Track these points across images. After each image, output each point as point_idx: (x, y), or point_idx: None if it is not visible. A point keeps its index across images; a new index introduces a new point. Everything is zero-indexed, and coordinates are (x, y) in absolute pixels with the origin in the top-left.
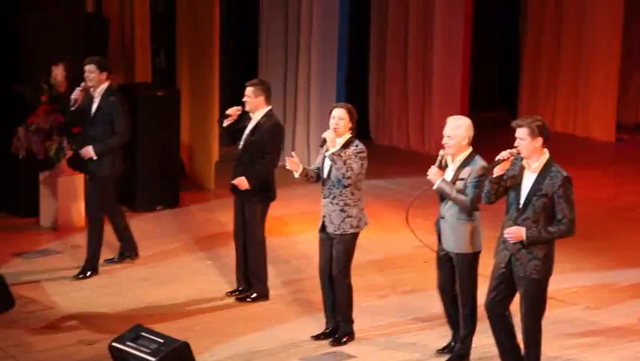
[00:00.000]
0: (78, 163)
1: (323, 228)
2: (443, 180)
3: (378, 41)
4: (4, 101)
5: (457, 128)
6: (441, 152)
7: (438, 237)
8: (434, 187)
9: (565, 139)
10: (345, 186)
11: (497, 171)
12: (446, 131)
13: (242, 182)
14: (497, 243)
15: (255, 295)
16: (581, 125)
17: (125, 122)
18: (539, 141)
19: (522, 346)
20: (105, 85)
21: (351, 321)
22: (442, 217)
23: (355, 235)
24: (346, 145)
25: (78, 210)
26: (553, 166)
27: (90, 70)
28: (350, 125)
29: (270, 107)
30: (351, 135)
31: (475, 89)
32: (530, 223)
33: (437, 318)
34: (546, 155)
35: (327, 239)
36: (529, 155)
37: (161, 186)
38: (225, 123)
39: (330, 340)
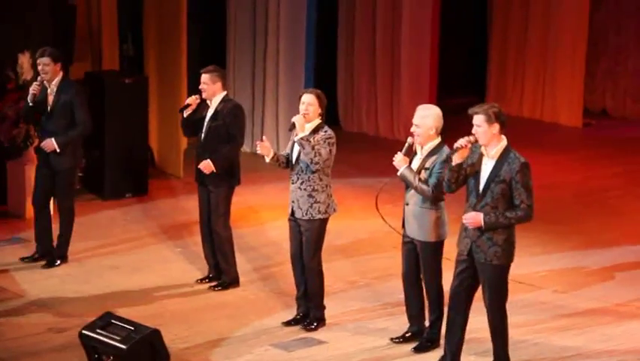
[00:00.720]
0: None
1: (292, 213)
2: (407, 167)
3: (346, 28)
4: None
5: (425, 118)
6: (409, 139)
7: (402, 223)
8: (398, 173)
9: (532, 124)
10: (314, 172)
11: (456, 159)
12: (414, 119)
13: (207, 165)
14: (459, 231)
15: (225, 281)
16: (549, 110)
17: (86, 112)
18: (496, 127)
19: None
20: (60, 76)
21: (322, 307)
22: (407, 204)
23: (324, 221)
24: (315, 131)
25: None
26: (511, 152)
27: (45, 62)
28: (319, 110)
29: (226, 92)
30: (320, 121)
31: (443, 76)
32: (489, 209)
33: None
34: (504, 141)
35: (296, 225)
36: (486, 142)
37: (130, 175)
38: (186, 113)
39: (300, 325)
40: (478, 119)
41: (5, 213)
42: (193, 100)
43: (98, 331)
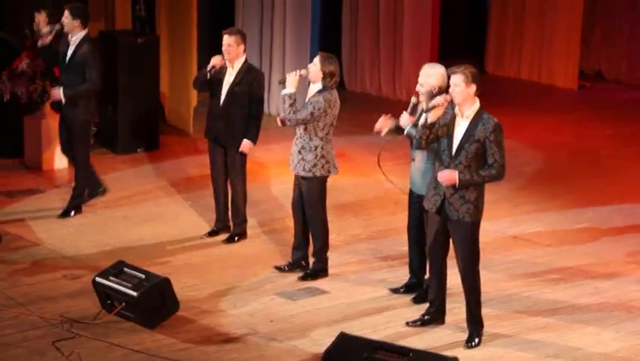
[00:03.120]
0: (57, 106)
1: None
2: (413, 126)
3: None
4: None
5: (429, 77)
6: (413, 98)
7: (410, 179)
8: (404, 133)
9: (530, 86)
10: (305, 130)
11: (431, 118)
12: (419, 78)
13: (248, 146)
14: (427, 189)
15: (233, 234)
16: (545, 73)
17: (96, 71)
18: (473, 88)
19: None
20: (81, 33)
21: (324, 260)
22: (413, 160)
23: (313, 180)
24: (318, 92)
25: (60, 151)
26: (484, 113)
27: (65, 15)
28: (321, 74)
29: (245, 57)
30: (323, 85)
31: (444, 40)
32: (463, 168)
33: (406, 256)
34: (477, 102)
35: (295, 177)
36: (462, 102)
37: (141, 130)
38: (209, 74)
39: (302, 274)
40: (457, 79)
41: (22, 165)
42: (219, 60)
43: (111, 278)
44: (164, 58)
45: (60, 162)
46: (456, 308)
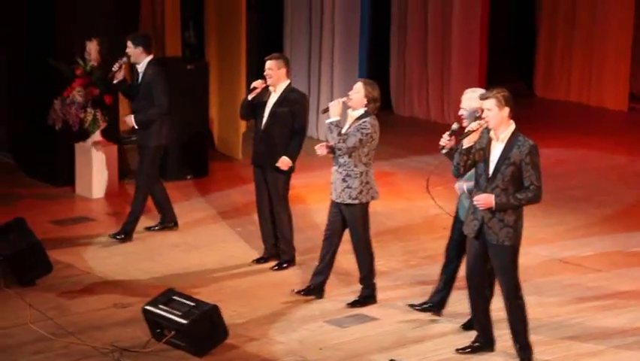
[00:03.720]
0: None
1: (332, 194)
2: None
3: (398, 16)
4: (41, 76)
5: (472, 100)
6: (454, 124)
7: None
8: (442, 152)
9: (579, 109)
10: (350, 157)
11: (466, 143)
12: (462, 103)
13: (286, 163)
14: (466, 214)
15: (282, 261)
16: (595, 95)
17: (163, 93)
18: (506, 111)
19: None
20: (146, 59)
21: (372, 286)
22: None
23: (357, 206)
24: (359, 119)
25: (112, 179)
26: (519, 136)
27: (128, 46)
28: (364, 101)
29: (289, 81)
30: (364, 111)
31: (492, 62)
32: (499, 191)
33: (458, 281)
34: (512, 125)
35: (333, 205)
36: (496, 125)
37: (191, 157)
38: (250, 96)
39: (351, 301)
40: (489, 104)
41: (73, 193)
42: (259, 84)
43: (161, 306)
44: (213, 84)
45: (110, 190)
46: (505, 335)
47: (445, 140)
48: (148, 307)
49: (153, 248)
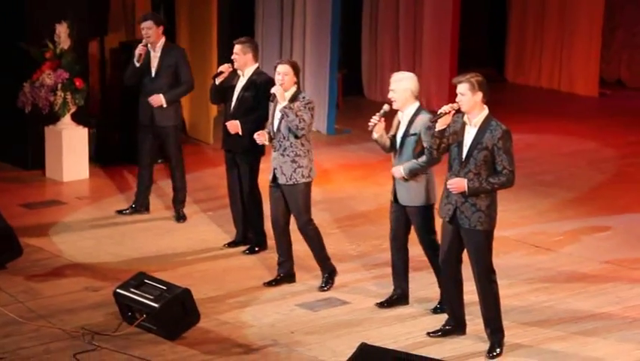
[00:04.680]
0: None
1: (274, 180)
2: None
3: (370, 1)
4: (10, 59)
5: (400, 81)
6: (385, 106)
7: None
8: (373, 137)
9: (550, 94)
10: (297, 137)
11: (439, 126)
12: (391, 85)
13: (235, 126)
14: (441, 198)
15: (253, 245)
16: (566, 80)
17: (190, 72)
18: (479, 95)
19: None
20: (163, 40)
21: (328, 259)
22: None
23: (308, 185)
24: (294, 98)
25: (82, 162)
26: (492, 120)
27: (147, 26)
28: (295, 79)
29: (257, 65)
30: (296, 89)
31: (463, 49)
32: (472, 176)
33: (426, 265)
34: (486, 110)
35: (277, 191)
36: (469, 109)
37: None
38: (218, 81)
39: (319, 285)
40: (463, 88)
41: (43, 177)
42: (226, 68)
43: (132, 290)
44: None
45: (80, 173)
46: (477, 318)
47: (374, 120)
48: (119, 291)
49: (124, 232)
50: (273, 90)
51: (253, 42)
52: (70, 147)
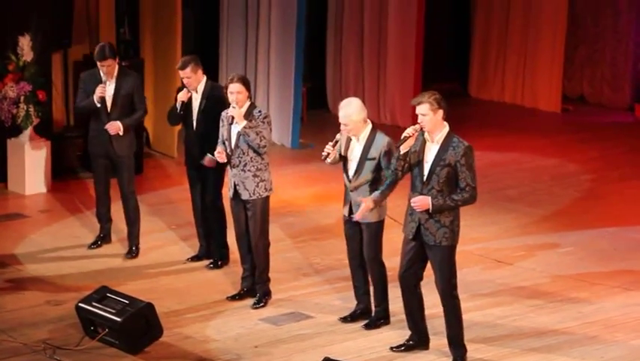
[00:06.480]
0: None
1: (235, 196)
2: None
3: (335, 14)
4: None
5: (349, 116)
6: (338, 135)
7: (349, 207)
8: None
9: (513, 109)
10: (259, 154)
11: (403, 148)
12: (340, 119)
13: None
14: (405, 216)
15: (215, 259)
16: (529, 96)
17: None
18: (440, 113)
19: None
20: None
21: (268, 281)
22: (351, 191)
23: (268, 198)
24: (249, 112)
25: (45, 176)
26: (454, 137)
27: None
28: (247, 94)
29: (205, 77)
30: (250, 103)
31: (427, 63)
32: (435, 193)
33: (393, 280)
34: (446, 127)
35: (239, 206)
36: (432, 129)
37: None
38: (180, 109)
39: (251, 304)
40: (424, 109)
41: (5, 190)
42: (185, 96)
43: (94, 304)
44: (148, 82)
45: (43, 186)
46: (440, 333)
47: (328, 149)
48: (81, 305)
49: (87, 245)
50: (230, 113)
51: (194, 56)
52: (33, 160)
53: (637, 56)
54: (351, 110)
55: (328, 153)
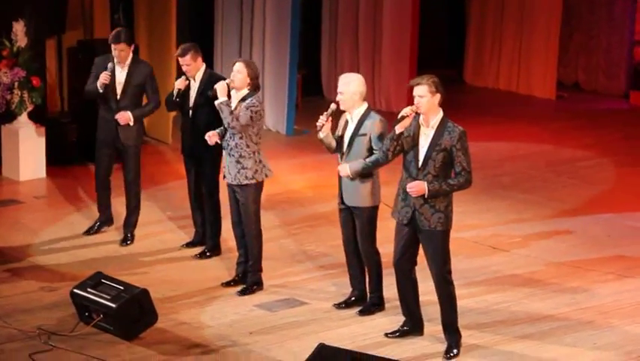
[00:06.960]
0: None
1: (224, 177)
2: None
3: (330, 1)
4: None
5: (348, 84)
6: (332, 105)
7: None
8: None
9: (508, 97)
10: (240, 138)
11: (399, 128)
12: (339, 88)
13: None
14: (395, 201)
15: (206, 250)
16: (524, 83)
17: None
18: (438, 97)
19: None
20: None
21: (259, 271)
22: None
23: (252, 186)
24: (243, 99)
25: (40, 162)
26: (448, 122)
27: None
28: (248, 80)
29: (204, 65)
30: (249, 91)
31: (423, 50)
32: (431, 178)
33: (388, 267)
34: (441, 112)
35: (231, 190)
36: (427, 111)
37: None
38: (177, 97)
39: (239, 289)
40: (422, 90)
41: (0, 175)
42: (183, 84)
43: (89, 290)
44: None
45: (38, 172)
46: (435, 319)
47: (322, 120)
48: (76, 291)
49: (81, 231)
50: (215, 85)
51: (195, 45)
52: (27, 146)
53: (632, 44)
54: (350, 80)
55: (323, 125)
